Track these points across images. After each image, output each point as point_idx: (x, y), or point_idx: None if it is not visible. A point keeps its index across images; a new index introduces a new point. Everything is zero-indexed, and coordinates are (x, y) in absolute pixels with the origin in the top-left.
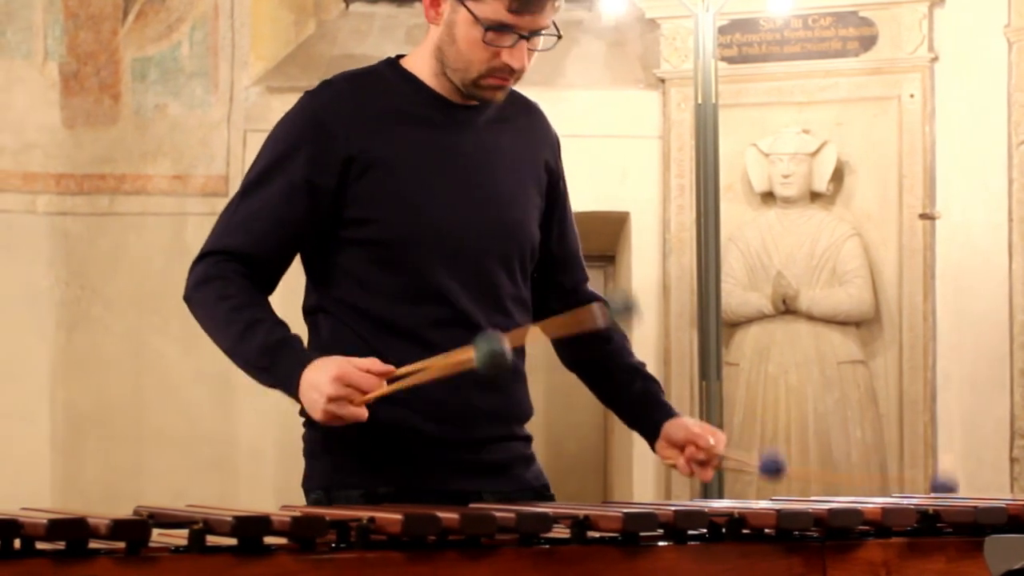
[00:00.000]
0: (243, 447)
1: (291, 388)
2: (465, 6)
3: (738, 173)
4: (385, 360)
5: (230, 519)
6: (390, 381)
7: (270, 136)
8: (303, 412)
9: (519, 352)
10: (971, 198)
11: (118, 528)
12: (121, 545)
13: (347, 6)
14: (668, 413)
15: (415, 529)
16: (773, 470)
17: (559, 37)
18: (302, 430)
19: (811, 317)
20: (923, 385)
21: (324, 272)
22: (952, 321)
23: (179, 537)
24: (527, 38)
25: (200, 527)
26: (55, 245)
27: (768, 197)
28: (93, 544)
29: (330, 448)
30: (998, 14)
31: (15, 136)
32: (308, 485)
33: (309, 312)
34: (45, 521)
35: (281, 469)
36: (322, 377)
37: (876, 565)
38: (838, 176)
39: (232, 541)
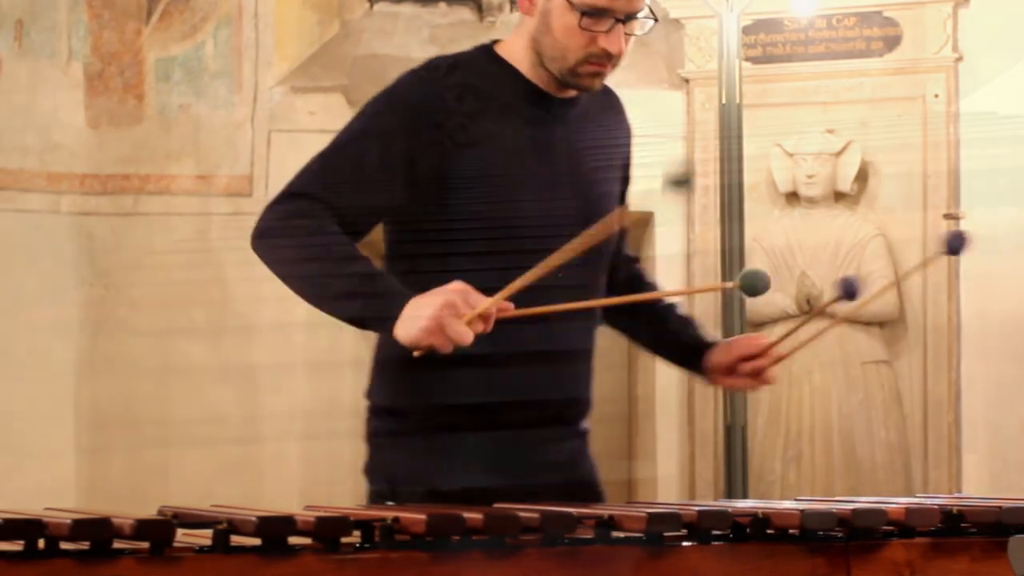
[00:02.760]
0: (268, 447)
1: (392, 310)
2: None
3: (762, 173)
4: None
5: (254, 519)
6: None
7: (367, 104)
8: (368, 395)
9: (589, 338)
10: (996, 198)
11: (142, 528)
12: (145, 545)
13: (371, 6)
14: (708, 343)
15: (439, 529)
16: (850, 293)
17: (655, 20)
18: (327, 432)
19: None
20: (947, 385)
21: (400, 250)
22: (976, 321)
23: (203, 537)
24: (623, 21)
25: (224, 527)
26: (79, 245)
27: (792, 197)
28: (117, 544)
29: (395, 442)
30: (1023, 14)
31: (39, 136)
32: (373, 475)
33: None
34: (69, 521)
35: (306, 470)
36: (430, 299)
37: (900, 565)
38: (862, 176)
39: (256, 541)
